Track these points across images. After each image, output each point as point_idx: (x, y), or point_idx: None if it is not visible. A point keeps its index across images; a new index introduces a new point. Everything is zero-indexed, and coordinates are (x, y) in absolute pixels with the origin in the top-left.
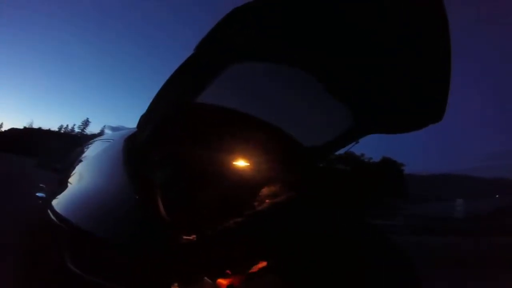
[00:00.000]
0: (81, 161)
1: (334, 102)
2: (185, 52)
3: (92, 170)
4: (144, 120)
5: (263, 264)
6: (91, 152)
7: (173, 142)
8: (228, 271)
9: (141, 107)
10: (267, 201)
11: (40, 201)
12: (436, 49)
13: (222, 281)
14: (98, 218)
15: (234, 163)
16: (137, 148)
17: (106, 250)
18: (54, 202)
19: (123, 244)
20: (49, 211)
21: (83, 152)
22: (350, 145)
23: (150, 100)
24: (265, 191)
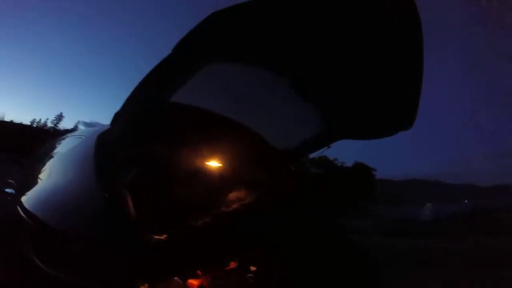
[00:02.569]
0: (52, 156)
1: (306, 105)
2: (164, 51)
3: (62, 166)
4: (118, 118)
5: (233, 264)
6: (62, 148)
7: (145, 140)
8: (198, 271)
9: (117, 105)
10: (237, 201)
11: (9, 197)
12: (407, 57)
13: (192, 282)
14: (67, 216)
15: (205, 163)
16: (109, 145)
17: (74, 248)
18: (24, 199)
19: (90, 241)
20: (18, 207)
21: (54, 147)
22: (322, 150)
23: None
24: (235, 191)
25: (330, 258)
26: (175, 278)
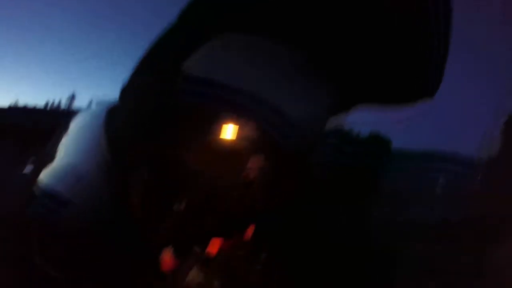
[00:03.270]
0: (65, 134)
1: (323, 73)
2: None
3: (74, 143)
4: (125, 94)
5: (248, 234)
6: (75, 125)
7: (155, 115)
8: (216, 240)
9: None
10: (253, 170)
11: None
12: (436, 22)
13: (211, 249)
14: (81, 189)
15: (220, 133)
16: (118, 124)
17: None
18: (41, 176)
19: (106, 212)
20: (35, 185)
21: (68, 124)
22: (339, 118)
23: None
24: (251, 161)
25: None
26: (195, 244)
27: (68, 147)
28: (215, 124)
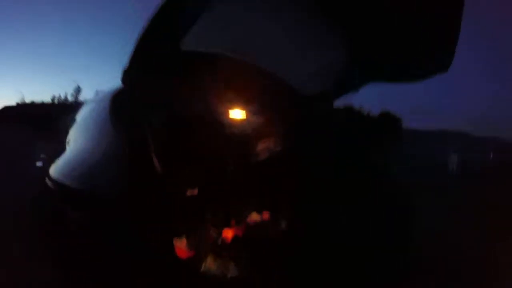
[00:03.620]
0: (73, 125)
1: (334, 45)
2: None
3: (82, 132)
4: (127, 74)
5: (265, 215)
6: (81, 115)
7: (161, 93)
8: (232, 221)
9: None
10: (265, 151)
11: (39, 170)
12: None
13: (227, 232)
14: (90, 179)
15: (229, 112)
16: (125, 103)
17: (105, 210)
18: (51, 170)
19: (120, 198)
20: (46, 178)
21: (75, 116)
22: (349, 94)
23: None
24: (262, 141)
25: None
26: (211, 229)
27: (76, 138)
28: (227, 100)
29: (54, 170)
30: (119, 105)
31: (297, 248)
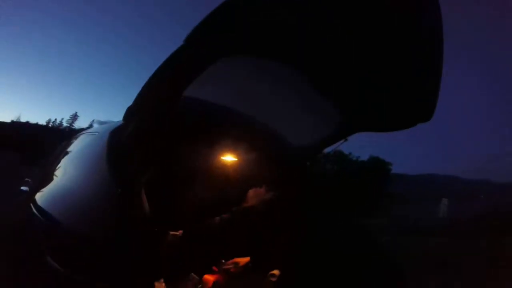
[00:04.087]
0: (65, 155)
1: (323, 99)
2: (175, 47)
3: (75, 164)
4: (130, 112)
5: (246, 259)
6: (76, 145)
7: (159, 136)
8: (214, 267)
9: (129, 102)
10: (252, 199)
11: (23, 196)
12: (427, 47)
13: (208, 277)
14: (80, 214)
15: (221, 160)
16: (122, 141)
17: (88, 246)
18: (37, 196)
19: (104, 240)
20: (31, 205)
21: (68, 146)
22: (338, 143)
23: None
24: (250, 189)
25: (353, 258)
26: (191, 274)
27: (68, 168)
28: (217, 146)
29: (41, 198)
30: (117, 141)
31: None
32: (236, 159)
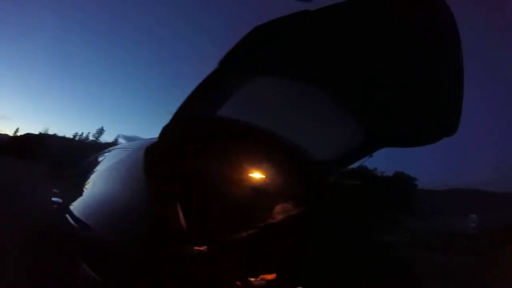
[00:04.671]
0: (98, 168)
1: (348, 115)
2: (202, 63)
3: (110, 177)
4: (166, 131)
5: (272, 276)
6: (108, 160)
7: (193, 155)
8: (238, 282)
9: (153, 118)
10: (278, 213)
11: (55, 206)
12: (448, 63)
13: None
14: (116, 224)
15: (248, 175)
16: (157, 158)
17: (121, 255)
18: (72, 207)
19: (138, 251)
20: (67, 215)
21: (99, 159)
22: (363, 159)
23: (167, 112)
24: (276, 204)
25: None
26: None
27: (99, 183)
28: (244, 161)
29: (77, 208)
30: (153, 158)
31: None
32: (262, 175)
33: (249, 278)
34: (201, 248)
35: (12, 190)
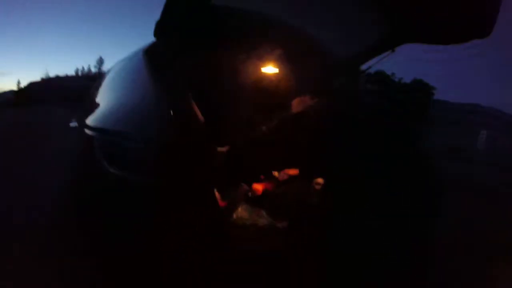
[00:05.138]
0: (104, 84)
1: (372, 3)
2: None
3: (118, 86)
4: (160, 27)
5: (294, 171)
6: (113, 73)
7: (198, 46)
8: (261, 176)
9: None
10: (298, 107)
11: (75, 128)
12: None
13: (257, 186)
14: (131, 123)
15: (264, 69)
16: (160, 56)
17: (143, 150)
18: (88, 120)
19: (160, 142)
20: (85, 129)
21: (104, 78)
22: (385, 54)
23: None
24: (295, 100)
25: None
26: (242, 183)
27: (108, 93)
28: (261, 55)
29: (93, 120)
30: (155, 55)
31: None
32: (279, 68)
33: (273, 172)
34: (223, 149)
35: (34, 135)
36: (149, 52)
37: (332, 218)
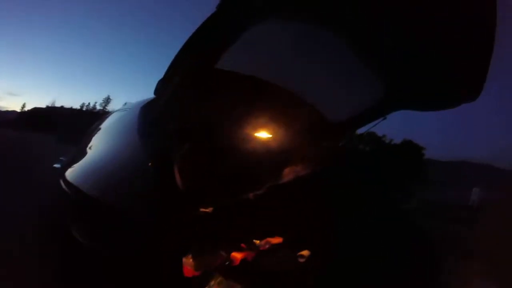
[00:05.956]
0: (97, 131)
1: (366, 69)
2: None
3: (106, 139)
4: (161, 86)
5: (278, 240)
6: (107, 122)
7: (192, 109)
8: (242, 244)
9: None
10: (288, 176)
11: (55, 171)
12: (478, 23)
13: (236, 255)
14: (108, 186)
15: (255, 134)
16: (153, 115)
17: (115, 219)
18: (68, 172)
19: (134, 213)
20: (61, 180)
21: (100, 123)
22: (376, 121)
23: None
24: (285, 165)
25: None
26: (220, 250)
27: (98, 144)
28: (252, 121)
29: (71, 173)
30: (149, 114)
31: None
32: (270, 134)
33: (254, 240)
34: (206, 210)
35: (19, 161)
36: (144, 110)
37: None
